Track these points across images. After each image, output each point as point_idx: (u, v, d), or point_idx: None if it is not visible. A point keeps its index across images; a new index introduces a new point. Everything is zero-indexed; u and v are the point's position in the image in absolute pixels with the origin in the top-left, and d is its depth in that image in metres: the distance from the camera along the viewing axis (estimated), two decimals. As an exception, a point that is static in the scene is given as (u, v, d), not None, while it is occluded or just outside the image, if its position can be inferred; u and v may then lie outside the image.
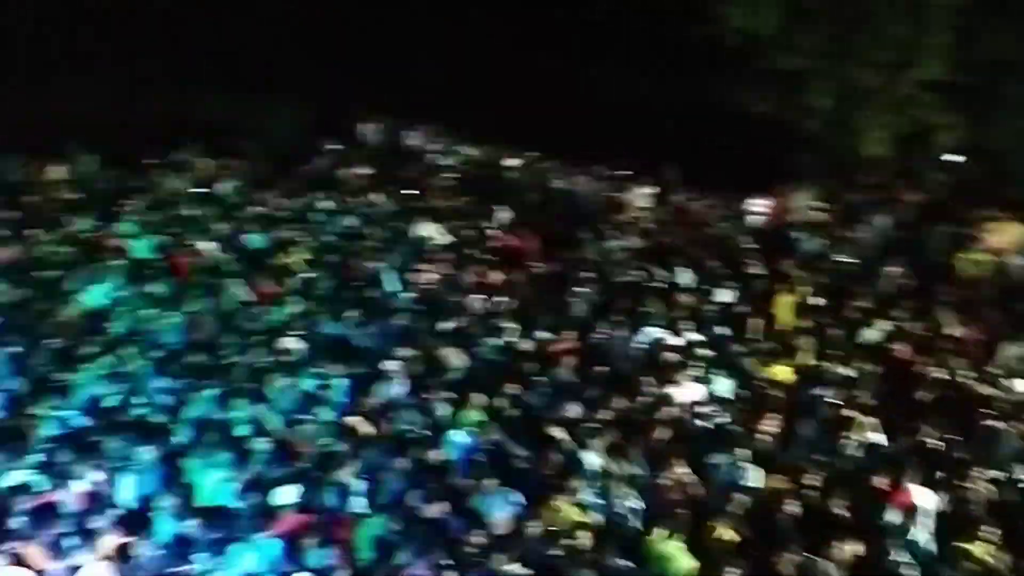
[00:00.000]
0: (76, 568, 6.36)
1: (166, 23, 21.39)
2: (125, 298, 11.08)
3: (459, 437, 8.36)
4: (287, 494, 7.27)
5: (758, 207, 15.20)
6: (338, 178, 16.78)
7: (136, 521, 6.90)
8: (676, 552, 7.06)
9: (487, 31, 21.76)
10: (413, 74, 21.00)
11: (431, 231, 13.79)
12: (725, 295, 11.69)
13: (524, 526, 7.17)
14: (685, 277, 12.20)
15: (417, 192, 15.94)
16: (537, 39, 21.35)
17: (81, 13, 20.95)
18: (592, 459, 8.06)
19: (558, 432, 8.34)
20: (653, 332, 10.44)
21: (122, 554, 6.40)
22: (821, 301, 11.50)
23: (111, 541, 6.52)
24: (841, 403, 9.01)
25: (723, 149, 16.05)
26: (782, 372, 9.73)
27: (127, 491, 7.43)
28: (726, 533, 7.23)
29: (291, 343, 9.89)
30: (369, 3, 22.62)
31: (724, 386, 9.51)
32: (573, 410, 8.74)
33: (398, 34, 22.24)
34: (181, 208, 14.55)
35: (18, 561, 6.18)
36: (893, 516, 7.54)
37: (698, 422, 8.86)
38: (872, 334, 10.74)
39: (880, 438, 8.59)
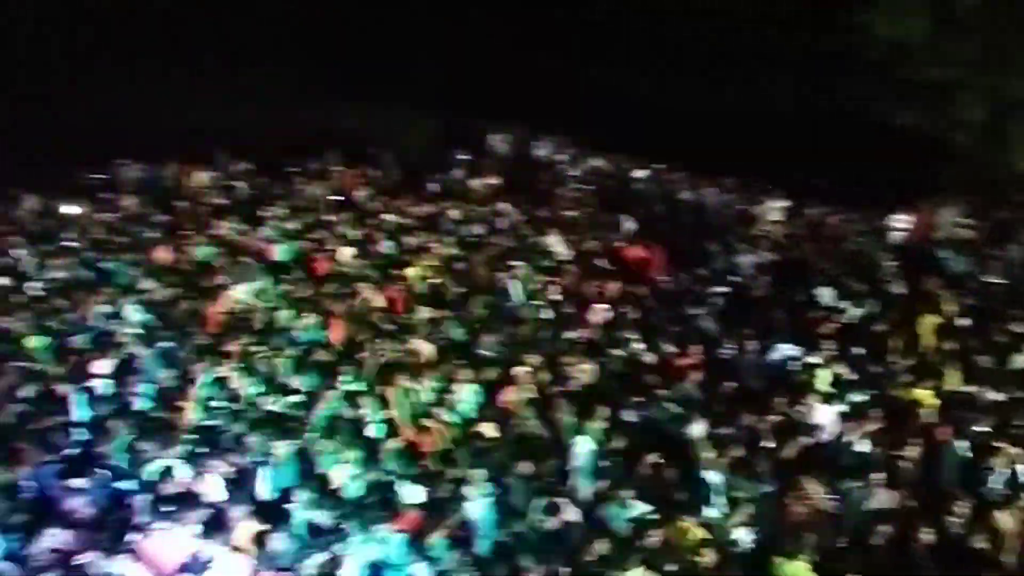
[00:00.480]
0: (213, 555, 6.68)
1: (306, 37, 22.37)
2: (266, 298, 11.60)
3: (583, 446, 8.34)
4: (412, 492, 7.44)
5: (900, 223, 14.53)
6: (467, 187, 17.10)
7: (272, 511, 7.20)
8: (802, 575, 6.81)
9: (614, 42, 21.74)
10: (543, 85, 21.18)
11: (557, 241, 13.85)
12: (862, 313, 11.22)
13: (645, 540, 7.07)
14: (820, 293, 11.79)
15: (544, 202, 16.05)
16: (665, 48, 21.13)
17: (225, 30, 22.19)
18: (717, 476, 7.89)
19: (685, 447, 8.20)
20: (785, 349, 10.14)
21: (257, 542, 6.69)
22: (968, 323, 10.88)
23: (247, 530, 6.84)
24: (988, 430, 8.49)
25: (863, 162, 15.44)
26: (924, 395, 9.24)
27: (264, 482, 7.76)
28: (855, 558, 6.94)
29: (420, 346, 10.10)
30: (500, 16, 22.98)
31: (859, 407, 9.11)
32: (698, 426, 8.57)
33: (528, 46, 22.48)
34: (319, 214, 15.15)
35: (142, 556, 6.51)
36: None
37: (830, 443, 8.53)
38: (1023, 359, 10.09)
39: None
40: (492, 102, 20.78)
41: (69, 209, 15.81)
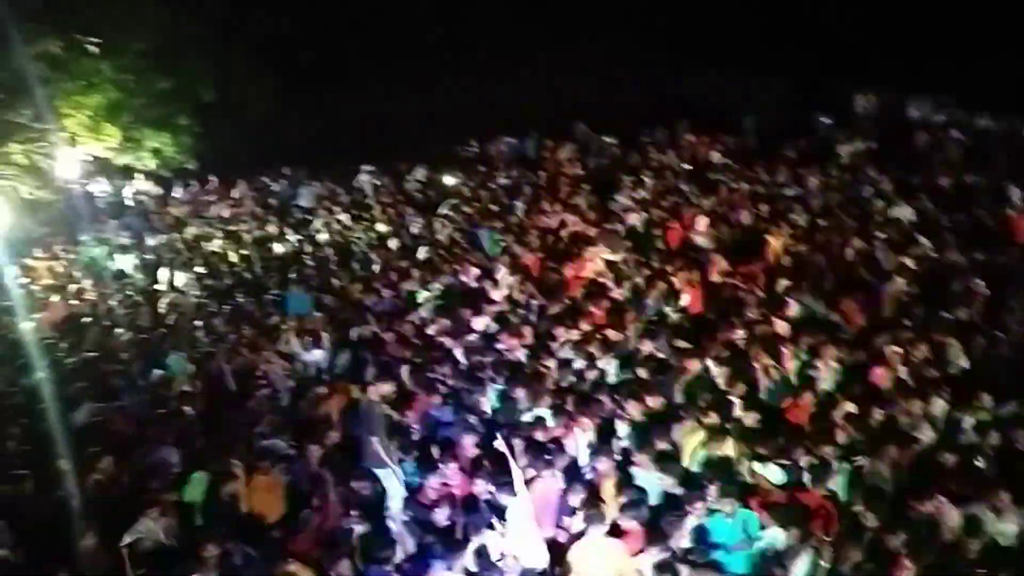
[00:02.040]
0: (578, 502, 7.14)
1: (653, 5, 22.42)
2: (623, 265, 11.93)
3: (960, 438, 7.63)
4: (772, 471, 7.32)
5: None
6: (830, 153, 16.15)
7: (629, 469, 7.49)
8: None
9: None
10: (919, 38, 19.25)
11: (916, 211, 12.63)
12: None
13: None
14: None
15: (918, 168, 14.69)
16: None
17: (576, 6, 22.97)
18: None
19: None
20: None
21: (618, 496, 7.03)
22: None
23: (610, 483, 7.21)
24: None
25: None
26: None
27: (623, 442, 8.06)
28: None
29: (778, 321, 9.78)
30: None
31: None
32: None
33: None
34: (673, 183, 15.25)
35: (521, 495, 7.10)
36: None
37: None
38: None
39: None
40: (859, 59, 19.34)
41: (448, 180, 17.57)
